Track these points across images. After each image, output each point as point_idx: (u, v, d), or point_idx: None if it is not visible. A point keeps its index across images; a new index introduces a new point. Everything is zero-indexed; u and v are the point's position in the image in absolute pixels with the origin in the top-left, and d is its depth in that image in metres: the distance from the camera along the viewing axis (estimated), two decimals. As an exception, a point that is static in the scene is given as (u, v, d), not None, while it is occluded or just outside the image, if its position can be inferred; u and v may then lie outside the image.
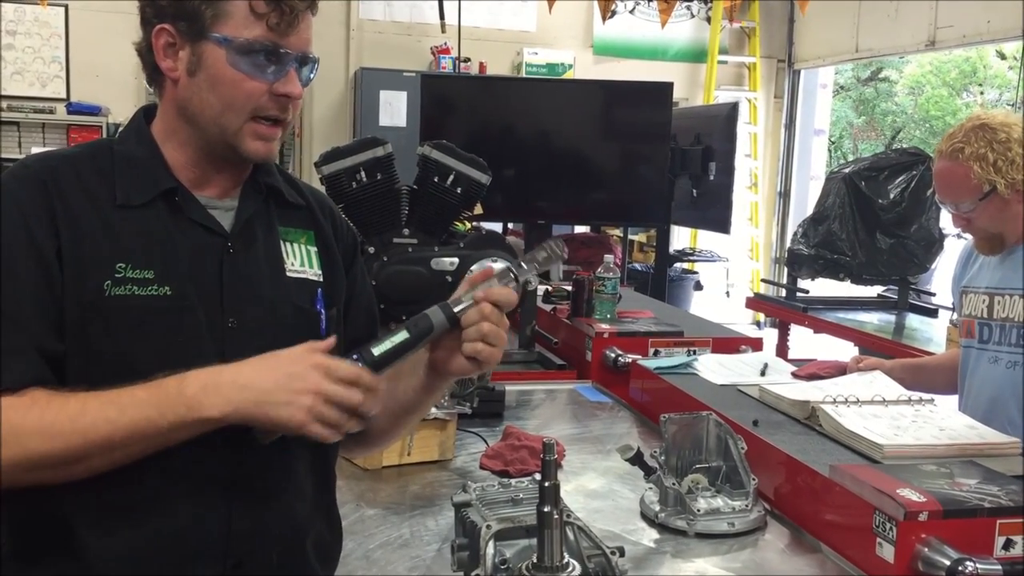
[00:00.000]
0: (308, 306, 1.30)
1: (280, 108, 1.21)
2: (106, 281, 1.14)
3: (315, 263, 1.33)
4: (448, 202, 2.73)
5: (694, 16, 8.66)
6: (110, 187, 1.19)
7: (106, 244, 1.16)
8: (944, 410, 2.00)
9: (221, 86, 1.18)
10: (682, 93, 8.40)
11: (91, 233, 1.16)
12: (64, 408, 1.07)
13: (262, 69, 1.18)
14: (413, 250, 2.75)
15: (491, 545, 1.30)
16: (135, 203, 1.19)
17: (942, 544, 1.41)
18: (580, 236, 5.59)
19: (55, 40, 7.30)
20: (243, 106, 1.19)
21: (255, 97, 1.19)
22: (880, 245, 4.40)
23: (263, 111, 1.20)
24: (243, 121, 1.19)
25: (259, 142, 1.21)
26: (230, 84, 1.18)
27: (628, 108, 4.39)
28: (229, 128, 1.20)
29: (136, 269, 1.16)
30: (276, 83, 1.19)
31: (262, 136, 1.21)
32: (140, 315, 1.15)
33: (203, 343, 1.18)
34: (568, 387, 2.76)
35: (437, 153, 2.70)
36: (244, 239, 1.25)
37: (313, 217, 1.36)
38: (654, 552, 1.63)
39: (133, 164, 1.22)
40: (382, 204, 2.71)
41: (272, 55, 1.18)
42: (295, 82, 1.20)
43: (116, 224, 1.17)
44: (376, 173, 2.66)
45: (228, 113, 1.19)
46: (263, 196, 1.30)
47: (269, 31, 1.17)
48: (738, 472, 1.77)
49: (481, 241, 2.84)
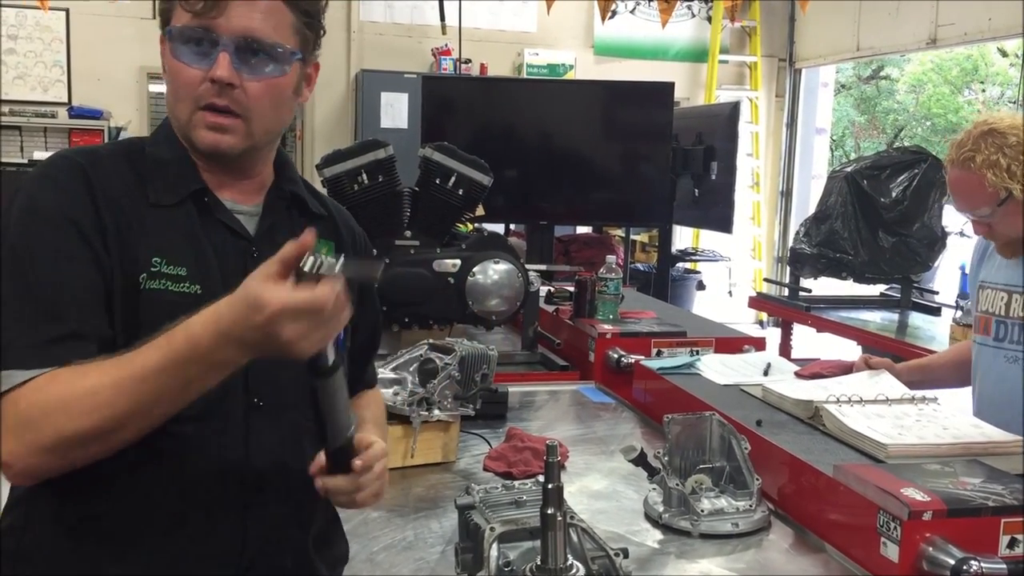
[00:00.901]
0: None
1: (214, 93, 1.17)
2: (142, 274, 1.15)
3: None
4: (450, 204, 2.74)
5: (695, 16, 8.66)
6: (142, 186, 1.21)
7: (142, 238, 1.17)
8: (948, 409, 2.00)
9: (169, 79, 1.20)
10: (683, 93, 8.40)
11: (130, 224, 1.16)
12: (87, 376, 1.04)
13: (195, 56, 1.18)
14: (415, 252, 2.75)
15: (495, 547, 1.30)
16: (166, 203, 1.20)
17: (947, 543, 1.41)
18: (582, 236, 5.60)
19: (56, 44, 7.31)
20: (184, 95, 1.19)
21: (192, 85, 1.18)
22: (882, 244, 4.39)
23: (203, 99, 1.18)
24: (190, 111, 1.19)
25: (207, 132, 1.19)
26: (172, 74, 1.19)
27: (629, 108, 4.38)
28: (182, 120, 1.21)
29: (171, 265, 1.17)
30: (211, 69, 1.17)
31: (210, 126, 1.19)
32: (172, 311, 1.13)
33: None
34: (571, 388, 2.76)
35: (439, 155, 2.71)
36: (268, 245, 1.24)
37: (335, 228, 1.38)
38: (658, 553, 1.63)
39: (164, 165, 1.23)
40: (384, 206, 2.71)
41: (200, 40, 1.17)
42: (223, 66, 1.16)
43: (150, 220, 1.18)
44: (378, 175, 2.67)
45: (177, 104, 1.20)
46: (287, 203, 1.31)
47: (194, 16, 1.17)
48: (742, 472, 1.76)
49: (483, 242, 2.84)
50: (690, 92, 8.66)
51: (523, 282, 2.78)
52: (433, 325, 2.84)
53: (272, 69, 1.20)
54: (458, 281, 2.73)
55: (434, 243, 2.77)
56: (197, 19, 1.16)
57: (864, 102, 18.94)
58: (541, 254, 4.14)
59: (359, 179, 2.64)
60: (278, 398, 1.24)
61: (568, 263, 4.79)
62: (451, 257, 2.75)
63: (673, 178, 4.80)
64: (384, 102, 7.24)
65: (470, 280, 2.73)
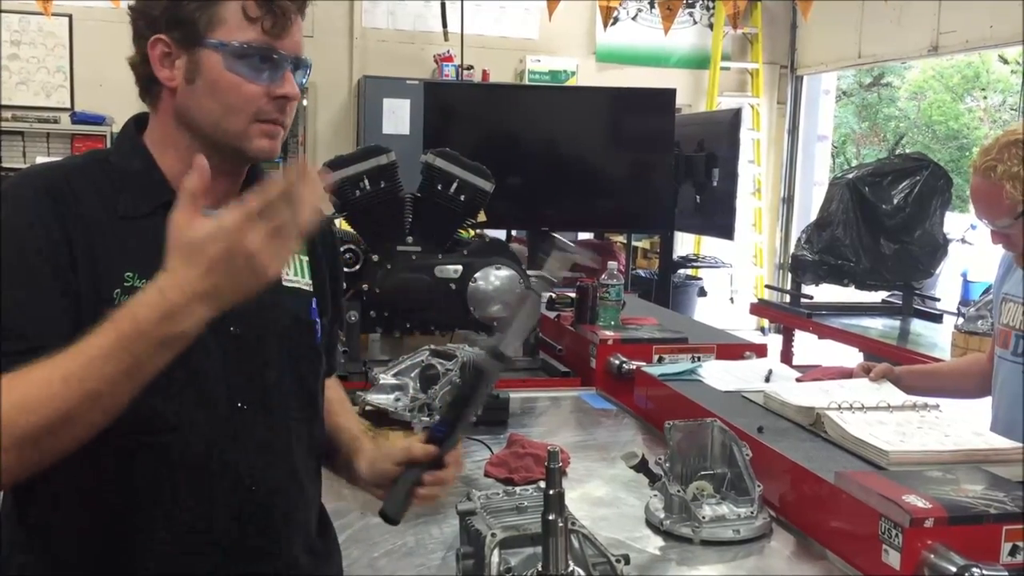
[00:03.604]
0: (304, 315, 1.31)
1: (279, 110, 1.21)
2: (116, 290, 1.14)
3: (307, 272, 1.34)
4: (452, 210, 2.74)
5: (696, 22, 8.67)
6: (111, 199, 1.20)
7: (115, 253, 1.16)
8: (950, 416, 1.99)
9: (220, 91, 1.19)
10: (685, 99, 8.40)
11: (101, 241, 1.16)
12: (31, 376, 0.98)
13: (259, 72, 1.19)
14: (417, 258, 2.75)
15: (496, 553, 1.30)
16: (137, 214, 1.19)
17: (948, 551, 1.40)
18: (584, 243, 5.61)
19: (59, 50, 7.33)
20: (243, 109, 1.20)
21: (254, 100, 1.19)
22: (884, 250, 4.39)
23: (263, 114, 1.20)
24: (246, 124, 1.20)
25: (265, 140, 1.22)
26: (229, 88, 1.19)
27: (631, 115, 4.38)
28: (232, 131, 1.21)
29: (143, 278, 1.15)
30: (272, 85, 1.20)
31: (268, 134, 1.22)
32: None
33: (208, 350, 1.17)
34: (572, 394, 2.76)
35: (441, 161, 2.71)
36: None
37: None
38: (659, 560, 1.63)
39: (131, 176, 1.22)
40: (386, 212, 2.72)
41: (267, 58, 1.19)
42: (292, 83, 1.21)
43: (121, 233, 1.18)
44: (380, 181, 2.67)
45: (230, 117, 1.20)
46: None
47: (263, 34, 1.18)
48: (743, 479, 1.76)
49: (485, 249, 2.84)
50: (692, 99, 8.67)
51: (525, 288, 2.78)
52: (435, 331, 2.84)
53: (303, 83, 1.26)
54: (460, 287, 2.74)
55: (436, 249, 2.77)
56: (266, 37, 1.18)
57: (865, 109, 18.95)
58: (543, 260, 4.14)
59: (361, 185, 2.65)
60: (263, 400, 1.23)
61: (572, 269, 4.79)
62: (453, 263, 2.75)
63: (675, 185, 4.80)
64: (386, 108, 7.25)
65: (472, 286, 2.73)
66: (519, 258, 2.95)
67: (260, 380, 1.23)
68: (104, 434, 1.11)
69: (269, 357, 1.25)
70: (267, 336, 1.25)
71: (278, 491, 1.25)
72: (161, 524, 1.17)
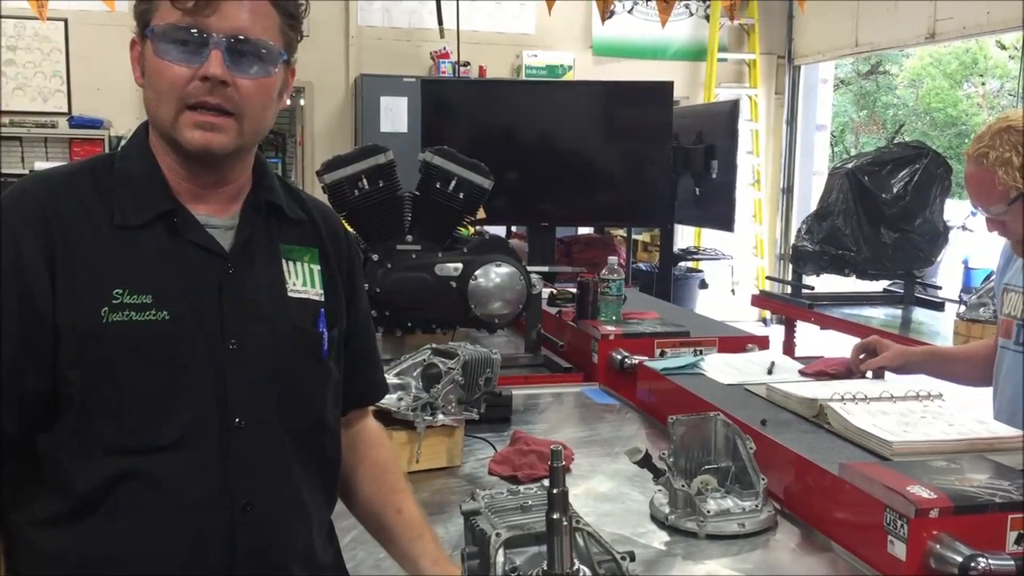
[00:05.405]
0: (309, 327, 1.27)
1: (208, 92, 1.14)
2: (103, 308, 1.12)
3: (317, 282, 1.30)
4: (451, 207, 2.74)
5: (693, 14, 8.66)
6: (108, 207, 1.17)
7: (104, 269, 1.14)
8: (953, 405, 1.99)
9: (153, 78, 1.16)
10: (683, 92, 8.40)
11: (88, 259, 1.13)
12: None
13: (184, 54, 1.14)
14: (417, 256, 2.75)
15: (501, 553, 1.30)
16: (132, 224, 1.17)
17: (954, 540, 1.40)
18: (584, 237, 5.59)
19: (56, 55, 7.32)
20: (170, 93, 1.15)
21: (179, 83, 1.14)
22: (885, 239, 4.39)
23: (191, 98, 1.15)
24: (175, 111, 1.15)
25: (196, 131, 1.15)
26: (156, 74, 1.16)
27: (629, 108, 4.37)
28: (166, 120, 1.16)
29: (134, 294, 1.13)
30: (201, 67, 1.14)
31: (199, 125, 1.15)
32: (138, 341, 1.12)
33: (203, 366, 1.16)
34: (575, 390, 2.76)
35: (439, 159, 2.71)
36: (244, 259, 1.22)
37: (317, 233, 1.33)
38: (665, 555, 1.63)
39: (133, 182, 1.20)
40: (385, 211, 2.71)
41: (190, 38, 1.14)
42: (216, 63, 1.13)
43: (114, 246, 1.15)
44: (378, 180, 2.67)
45: (161, 105, 1.16)
46: (264, 214, 1.27)
47: (185, 14, 1.13)
48: (747, 472, 1.76)
49: (484, 246, 2.84)
50: (689, 91, 8.66)
51: (525, 285, 2.78)
52: (436, 329, 2.83)
53: (259, 69, 1.18)
54: (460, 285, 2.73)
55: (435, 247, 2.77)
56: (188, 17, 1.13)
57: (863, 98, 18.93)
58: (543, 256, 4.14)
59: (360, 184, 2.64)
60: (259, 417, 1.20)
61: (570, 264, 4.79)
62: (453, 261, 2.75)
63: (674, 177, 4.79)
64: (384, 106, 7.25)
65: (472, 284, 2.73)
66: (519, 254, 2.95)
67: (256, 397, 1.20)
68: (92, 453, 1.10)
69: (269, 371, 1.21)
70: (267, 349, 1.21)
71: (275, 511, 1.22)
72: (148, 547, 1.14)
